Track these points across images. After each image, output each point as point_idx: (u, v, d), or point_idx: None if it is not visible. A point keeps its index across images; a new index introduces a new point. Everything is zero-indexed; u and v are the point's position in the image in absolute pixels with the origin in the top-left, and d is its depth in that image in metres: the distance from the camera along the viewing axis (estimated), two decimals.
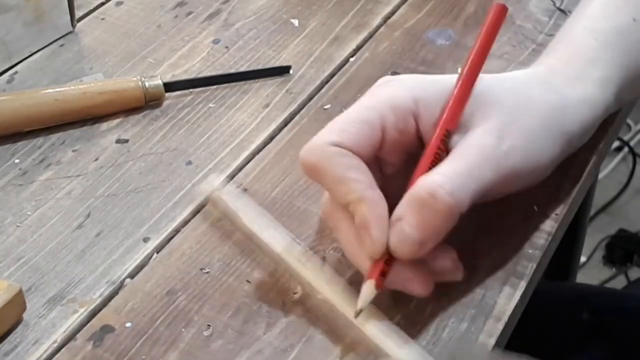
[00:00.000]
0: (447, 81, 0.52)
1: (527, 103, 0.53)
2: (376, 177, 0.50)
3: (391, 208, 0.49)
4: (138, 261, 0.57)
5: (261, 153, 0.65)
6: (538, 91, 0.54)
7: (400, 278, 0.50)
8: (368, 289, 0.49)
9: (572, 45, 0.58)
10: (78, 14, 0.76)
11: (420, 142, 0.52)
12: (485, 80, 0.53)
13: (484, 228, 0.58)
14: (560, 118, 0.54)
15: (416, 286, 0.50)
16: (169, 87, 0.69)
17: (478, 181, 0.49)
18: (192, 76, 0.71)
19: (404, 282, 0.50)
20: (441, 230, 0.49)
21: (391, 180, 0.52)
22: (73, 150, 0.65)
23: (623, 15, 0.59)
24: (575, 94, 0.55)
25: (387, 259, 0.49)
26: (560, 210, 0.59)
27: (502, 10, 0.54)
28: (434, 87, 0.52)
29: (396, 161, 0.52)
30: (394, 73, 0.71)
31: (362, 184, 0.49)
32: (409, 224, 0.48)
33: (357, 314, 0.49)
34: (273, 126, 0.67)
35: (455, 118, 0.51)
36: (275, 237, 0.55)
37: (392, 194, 0.50)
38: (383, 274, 0.49)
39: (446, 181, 0.48)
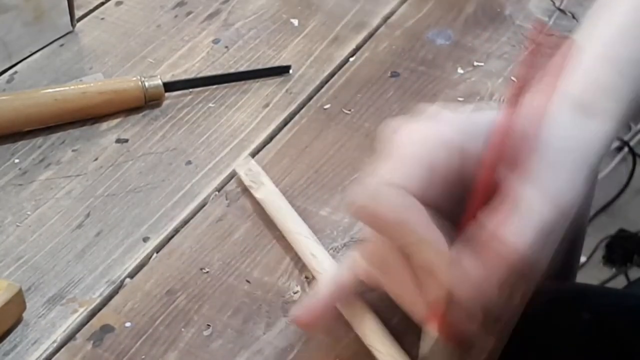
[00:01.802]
0: (487, 120, 0.50)
1: (570, 148, 0.52)
2: None
3: None
4: (138, 261, 0.57)
5: (261, 153, 0.65)
6: (574, 132, 0.53)
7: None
8: (432, 335, 0.48)
9: (595, 77, 0.57)
10: (78, 13, 0.76)
11: (461, 178, 0.50)
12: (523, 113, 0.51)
13: None
14: (591, 158, 0.53)
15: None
16: (169, 87, 0.69)
17: (546, 232, 0.48)
18: (192, 76, 0.71)
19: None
20: (506, 278, 0.47)
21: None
22: (73, 150, 0.65)
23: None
24: (600, 132, 0.54)
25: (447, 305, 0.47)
26: None
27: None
28: (475, 125, 0.50)
29: (436, 194, 0.50)
30: (394, 73, 0.71)
31: (421, 225, 0.47)
32: (474, 268, 0.46)
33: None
34: (273, 126, 0.67)
35: (504, 149, 0.49)
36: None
37: None
38: (444, 319, 0.48)
39: (521, 237, 0.46)
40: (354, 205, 0.48)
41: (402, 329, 0.51)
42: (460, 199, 0.50)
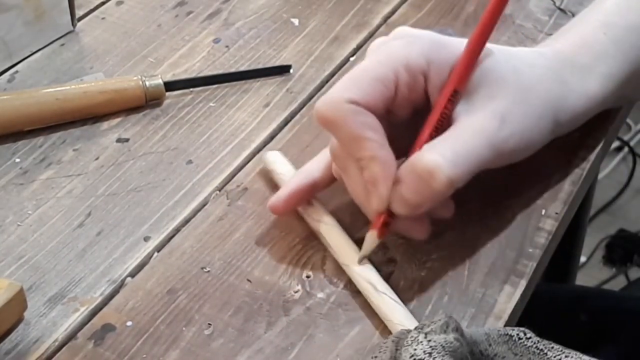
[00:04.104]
0: (458, 45, 0.54)
1: (530, 88, 0.55)
2: (384, 127, 0.53)
3: (396, 153, 0.53)
4: (139, 260, 0.57)
5: (262, 152, 0.65)
6: (542, 77, 0.56)
7: (401, 225, 0.54)
8: (371, 238, 0.54)
9: (582, 36, 0.60)
10: (78, 13, 0.77)
11: (427, 100, 0.54)
12: (493, 54, 0.55)
13: (484, 226, 0.58)
14: (557, 107, 0.56)
15: (415, 232, 0.55)
16: (170, 86, 0.69)
17: (475, 163, 0.52)
18: (193, 75, 0.71)
19: (404, 229, 0.55)
20: (435, 199, 0.52)
21: (396, 128, 0.54)
22: (74, 150, 0.65)
23: (636, 15, 0.60)
24: (576, 86, 0.57)
25: (390, 212, 0.53)
26: (561, 210, 0.59)
27: None
28: (444, 50, 0.54)
29: (404, 114, 0.55)
30: None
31: (375, 143, 0.52)
32: (407, 189, 0.52)
33: (360, 261, 0.54)
34: (273, 125, 0.67)
35: (463, 80, 0.53)
36: None
37: (398, 142, 0.53)
38: (385, 224, 0.53)
39: (445, 164, 0.50)
40: (317, 115, 0.53)
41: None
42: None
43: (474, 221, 0.58)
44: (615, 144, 1.97)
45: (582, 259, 1.74)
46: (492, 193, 0.60)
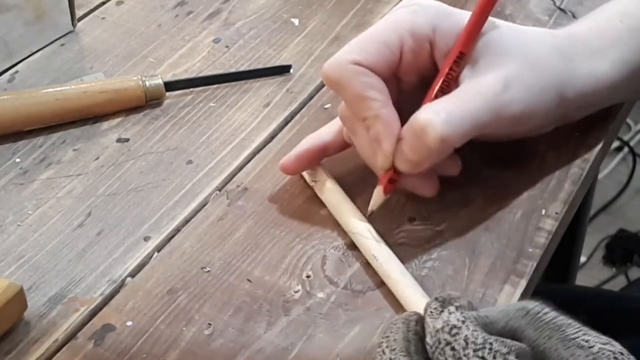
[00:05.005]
0: (464, 15, 0.56)
1: (534, 61, 0.56)
2: (393, 92, 0.55)
3: (406, 119, 0.54)
4: (139, 260, 0.57)
5: (262, 152, 0.65)
6: (548, 53, 0.57)
7: (409, 183, 0.57)
8: (378, 194, 0.56)
9: (598, 22, 0.61)
10: (78, 13, 0.77)
11: (435, 67, 0.56)
12: (501, 28, 0.56)
13: (485, 226, 0.58)
14: (562, 82, 0.57)
15: (422, 189, 0.57)
16: (170, 86, 0.69)
17: (472, 123, 0.53)
18: (193, 75, 0.71)
19: (412, 186, 0.57)
20: (433, 157, 0.53)
21: (407, 95, 0.57)
22: (74, 150, 0.65)
23: None
24: (584, 66, 0.58)
25: (396, 169, 0.55)
26: (561, 210, 0.59)
27: None
28: (451, 18, 0.56)
29: (412, 80, 0.57)
30: None
31: (378, 103, 0.54)
32: (407, 146, 0.53)
33: (369, 215, 0.57)
34: (273, 125, 0.67)
35: (469, 43, 0.55)
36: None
37: (406, 108, 0.55)
38: (391, 181, 0.56)
39: (437, 121, 0.52)
40: (324, 76, 0.56)
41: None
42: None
43: (474, 221, 0.58)
44: (615, 144, 1.97)
45: (582, 259, 1.74)
46: (493, 193, 0.60)
